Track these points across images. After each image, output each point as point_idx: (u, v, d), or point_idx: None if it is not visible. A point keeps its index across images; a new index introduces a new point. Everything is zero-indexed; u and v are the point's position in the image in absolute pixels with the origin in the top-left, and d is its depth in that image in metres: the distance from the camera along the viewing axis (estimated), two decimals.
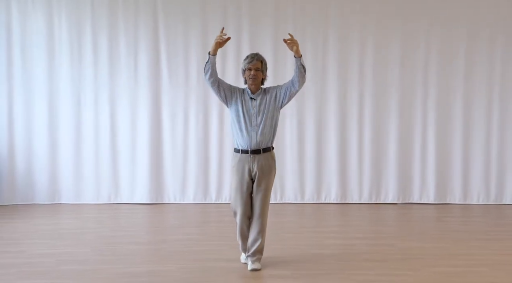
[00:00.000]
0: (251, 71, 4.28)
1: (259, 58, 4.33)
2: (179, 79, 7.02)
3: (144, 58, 6.97)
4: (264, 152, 4.32)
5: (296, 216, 6.52)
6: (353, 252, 4.88)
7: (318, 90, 7.02)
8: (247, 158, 4.31)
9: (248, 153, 4.30)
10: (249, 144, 4.30)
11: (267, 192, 4.34)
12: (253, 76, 4.28)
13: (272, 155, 4.38)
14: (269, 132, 4.33)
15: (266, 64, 4.37)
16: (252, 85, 4.32)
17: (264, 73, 4.35)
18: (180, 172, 7.10)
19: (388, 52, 6.96)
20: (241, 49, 6.84)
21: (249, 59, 4.31)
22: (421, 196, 7.11)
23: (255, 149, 4.30)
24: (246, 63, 4.31)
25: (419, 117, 7.04)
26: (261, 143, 4.30)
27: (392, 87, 7.00)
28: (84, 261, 4.64)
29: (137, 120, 7.05)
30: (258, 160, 4.29)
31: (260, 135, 4.28)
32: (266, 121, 4.29)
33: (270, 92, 4.35)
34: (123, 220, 6.28)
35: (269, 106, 4.30)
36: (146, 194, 7.06)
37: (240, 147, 4.35)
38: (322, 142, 7.09)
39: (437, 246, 5.09)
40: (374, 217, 6.40)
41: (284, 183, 7.12)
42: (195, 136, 7.07)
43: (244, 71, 4.33)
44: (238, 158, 4.34)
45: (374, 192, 7.13)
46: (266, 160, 4.33)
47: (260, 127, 4.28)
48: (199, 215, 6.50)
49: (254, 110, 4.29)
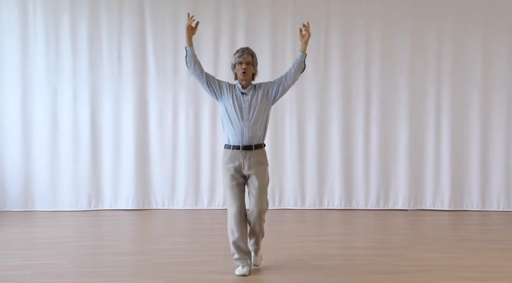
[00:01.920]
0: (242, 65, 4.52)
1: (250, 52, 4.58)
2: (167, 73, 7.01)
3: (129, 49, 6.96)
4: (256, 148, 4.54)
5: (296, 223, 6.50)
6: (359, 263, 4.86)
7: (320, 87, 7.02)
8: (238, 153, 4.52)
9: (239, 149, 4.51)
10: (240, 139, 4.51)
11: (263, 188, 4.53)
12: (244, 70, 4.51)
13: (263, 151, 4.61)
14: (261, 128, 4.57)
15: (256, 59, 4.63)
16: (243, 80, 4.56)
17: (255, 68, 4.60)
18: (168, 175, 7.10)
19: (397, 44, 6.95)
20: (236, 43, 6.84)
21: (240, 53, 4.56)
22: (434, 202, 7.11)
23: (247, 145, 4.51)
24: (237, 57, 4.56)
25: (432, 116, 7.03)
26: (253, 138, 4.52)
27: (401, 82, 6.99)
28: (61, 274, 4.61)
29: (120, 118, 7.03)
30: (249, 156, 4.51)
31: (252, 131, 4.51)
32: (258, 117, 4.53)
33: (262, 88, 4.60)
34: (105, 228, 6.27)
35: (261, 102, 4.55)
36: (131, 199, 7.07)
37: (231, 142, 4.55)
38: (324, 143, 7.09)
39: (452, 257, 5.07)
40: (381, 224, 6.39)
41: (283, 187, 7.13)
42: (185, 135, 7.06)
43: (235, 65, 4.59)
44: (229, 154, 4.55)
45: (382, 197, 7.12)
46: (258, 156, 4.54)
47: (252, 122, 4.51)
48: (190, 222, 6.50)
49: (245, 104, 4.53)
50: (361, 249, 5.29)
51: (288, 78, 4.57)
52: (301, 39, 4.57)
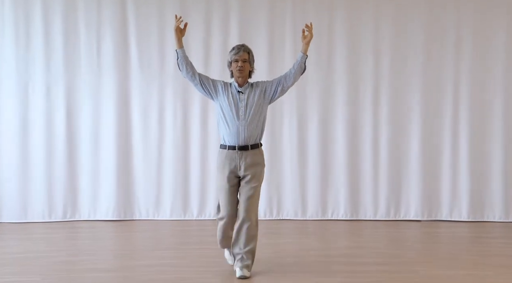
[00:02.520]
0: (238, 63, 4.74)
1: (246, 49, 4.79)
2: (152, 67, 6.90)
3: (109, 40, 6.82)
4: (252, 148, 4.76)
5: (297, 236, 6.39)
6: (367, 281, 4.78)
7: (323, 83, 6.91)
8: (234, 154, 4.74)
9: (235, 149, 4.73)
10: (236, 139, 4.73)
11: (256, 189, 4.76)
12: (240, 68, 4.73)
13: (260, 151, 4.84)
14: (258, 128, 4.79)
15: (253, 56, 4.85)
16: (239, 77, 4.78)
17: (251, 65, 4.83)
18: (154, 181, 6.98)
19: (409, 37, 6.84)
20: (228, 36, 6.82)
21: (236, 50, 4.76)
22: (451, 212, 6.95)
23: (243, 145, 4.73)
24: (233, 55, 4.77)
25: (449, 116, 6.90)
26: (249, 138, 4.74)
27: (414, 80, 6.87)
28: None
29: (99, 117, 6.89)
30: (245, 156, 4.74)
31: (249, 130, 4.73)
32: (255, 116, 4.75)
33: (260, 86, 4.83)
34: (82, 242, 6.18)
35: (258, 101, 4.77)
36: (111, 209, 6.93)
37: (227, 142, 4.77)
38: (328, 146, 6.97)
39: (472, 274, 4.98)
40: (392, 237, 6.31)
41: (282, 195, 7.01)
42: (172, 137, 6.95)
43: (231, 63, 4.80)
44: (225, 154, 4.77)
45: (393, 206, 6.98)
46: (255, 156, 4.77)
47: (248, 122, 4.73)
48: (178, 235, 6.42)
49: (242, 103, 4.75)
50: (370, 265, 5.21)
51: (288, 79, 4.80)
52: (303, 40, 4.79)
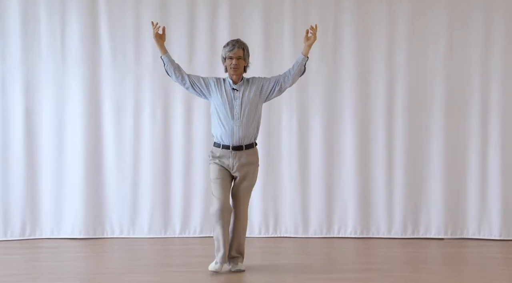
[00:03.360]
0: (232, 60, 4.98)
1: (241, 45, 5.02)
2: (127, 59, 6.61)
3: (75, 27, 6.54)
4: (246, 148, 5.04)
5: (297, 256, 6.12)
6: None
7: (328, 78, 6.65)
8: (228, 153, 5.02)
9: (229, 149, 5.01)
10: (231, 139, 5.00)
11: (249, 189, 5.14)
12: (235, 66, 4.98)
13: (255, 151, 5.12)
14: (253, 127, 5.05)
15: (248, 51, 5.08)
16: (233, 75, 5.03)
17: (246, 61, 5.08)
18: (129, 193, 6.68)
19: (429, 23, 6.55)
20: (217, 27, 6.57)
21: (230, 47, 4.99)
22: (480, 229, 6.63)
23: (237, 145, 5.01)
24: (227, 51, 5.00)
25: (476, 116, 6.59)
26: (244, 138, 5.01)
27: (435, 74, 6.58)
28: None
29: (64, 118, 6.61)
30: (239, 156, 5.02)
31: (244, 130, 5.00)
32: (250, 116, 5.00)
33: (256, 84, 5.06)
34: (44, 263, 5.93)
35: (253, 99, 5.02)
36: (78, 225, 6.64)
37: (221, 141, 5.04)
38: (333, 151, 6.69)
39: None
40: (410, 258, 6.03)
41: (280, 209, 6.70)
42: (151, 141, 6.65)
43: (225, 59, 5.05)
44: (219, 153, 5.04)
45: (410, 222, 6.66)
46: (249, 156, 5.05)
47: (243, 121, 4.99)
48: (157, 255, 6.17)
49: (236, 102, 5.00)
50: None
51: (286, 80, 5.04)
52: (305, 42, 5.03)
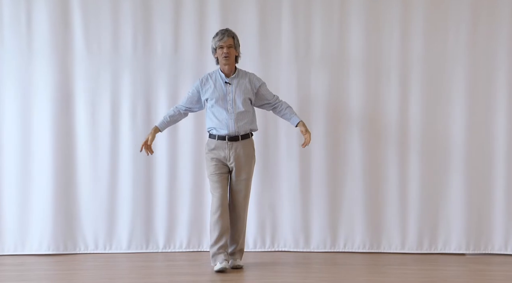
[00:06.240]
0: (223, 49, 5.21)
1: (230, 34, 5.28)
2: (103, 49, 6.28)
3: (43, 10, 6.22)
4: (243, 139, 5.31)
5: (298, 273, 5.86)
6: None
7: (332, 74, 6.35)
8: (224, 144, 5.28)
9: (225, 140, 5.27)
10: (226, 130, 5.26)
11: (248, 182, 5.37)
12: (226, 54, 5.22)
13: (251, 142, 5.41)
14: (249, 117, 5.32)
15: (238, 40, 5.35)
16: (225, 65, 5.28)
17: (237, 50, 5.35)
18: (105, 203, 6.35)
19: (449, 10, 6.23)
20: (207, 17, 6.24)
21: (220, 36, 5.24)
22: (507, 243, 6.31)
23: (233, 136, 5.28)
24: (217, 41, 5.24)
25: (502, 116, 6.27)
26: (240, 129, 5.27)
27: (455, 70, 6.28)
28: None
29: (30, 116, 6.31)
30: (236, 147, 5.29)
31: (239, 122, 5.26)
32: (244, 107, 5.26)
33: (251, 81, 5.33)
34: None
35: (246, 91, 5.30)
36: (46, 240, 6.31)
37: (215, 132, 5.29)
38: (338, 154, 6.40)
39: None
40: (427, 276, 5.70)
41: (278, 220, 6.41)
42: (130, 144, 6.32)
43: (215, 50, 5.29)
44: (214, 144, 5.29)
45: (427, 235, 6.35)
46: (245, 147, 5.31)
47: (238, 114, 5.25)
48: (137, 272, 5.88)
49: (229, 96, 5.27)
50: None
51: (273, 110, 5.46)
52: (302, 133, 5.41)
